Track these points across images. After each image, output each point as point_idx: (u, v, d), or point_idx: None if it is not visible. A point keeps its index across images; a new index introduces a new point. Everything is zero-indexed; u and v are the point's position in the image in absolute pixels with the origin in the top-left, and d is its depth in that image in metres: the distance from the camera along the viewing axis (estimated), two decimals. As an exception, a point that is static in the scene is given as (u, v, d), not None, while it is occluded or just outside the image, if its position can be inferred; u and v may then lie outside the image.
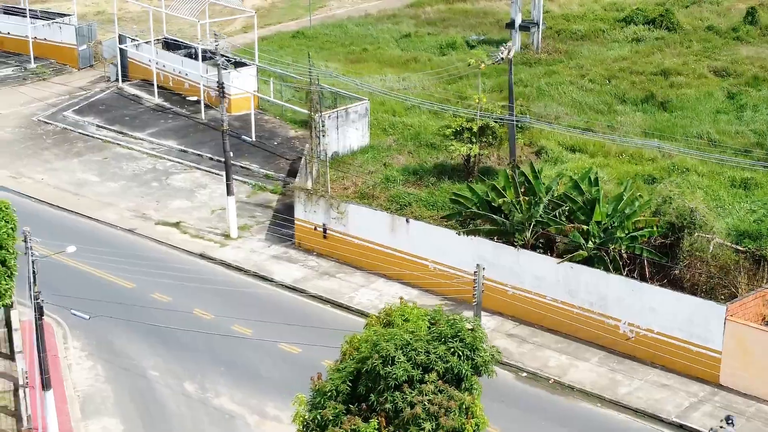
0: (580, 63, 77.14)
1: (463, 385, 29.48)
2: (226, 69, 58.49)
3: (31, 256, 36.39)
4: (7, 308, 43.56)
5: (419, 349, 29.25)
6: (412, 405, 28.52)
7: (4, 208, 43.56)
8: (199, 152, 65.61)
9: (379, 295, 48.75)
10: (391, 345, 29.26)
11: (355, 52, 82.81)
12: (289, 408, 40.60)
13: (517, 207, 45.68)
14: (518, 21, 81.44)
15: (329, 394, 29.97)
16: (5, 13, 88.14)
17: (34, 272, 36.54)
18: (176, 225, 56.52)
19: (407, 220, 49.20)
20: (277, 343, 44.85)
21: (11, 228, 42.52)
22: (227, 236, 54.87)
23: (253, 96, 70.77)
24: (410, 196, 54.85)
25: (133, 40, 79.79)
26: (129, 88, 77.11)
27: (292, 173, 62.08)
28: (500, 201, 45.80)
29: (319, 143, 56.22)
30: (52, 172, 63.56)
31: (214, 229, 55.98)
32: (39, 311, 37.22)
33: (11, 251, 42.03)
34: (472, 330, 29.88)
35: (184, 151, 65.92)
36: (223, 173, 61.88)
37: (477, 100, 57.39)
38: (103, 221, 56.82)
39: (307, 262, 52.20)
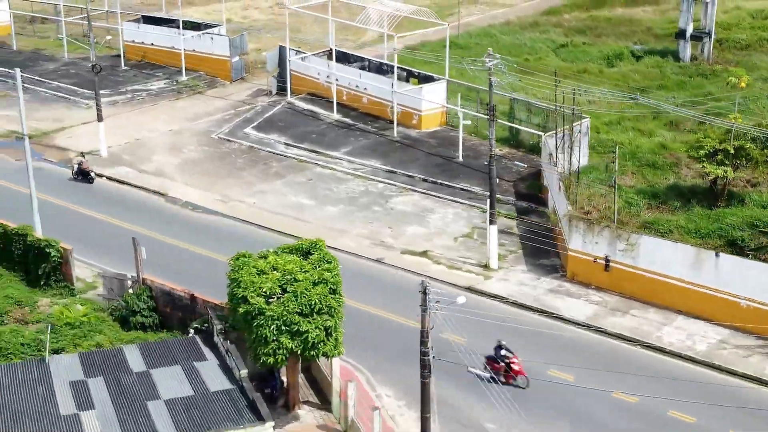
0: (763, 75, 74.15)
1: None
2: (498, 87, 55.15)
3: (431, 309, 32.96)
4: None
5: None
6: None
7: (322, 247, 40.28)
8: (408, 173, 62.16)
9: (688, 334, 45.50)
10: None
11: (518, 63, 79.46)
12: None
13: None
14: (689, 30, 78.47)
15: None
16: (146, 23, 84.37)
17: (430, 328, 33.13)
18: (424, 254, 53.07)
19: (717, 254, 45.96)
20: (610, 391, 41.53)
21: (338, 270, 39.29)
22: (486, 267, 51.49)
23: (443, 112, 67.79)
24: (670, 222, 51.72)
25: (297, 51, 76.17)
26: (300, 103, 73.51)
27: (519, 195, 58.94)
28: None
29: (570, 160, 52.92)
30: (260, 195, 60.00)
31: (466, 258, 52.58)
32: (428, 369, 33.84)
33: (342, 295, 38.80)
34: None
35: (392, 172, 62.47)
36: (444, 195, 59.38)
37: (734, 119, 54.42)
38: (343, 249, 53.23)
39: (589, 296, 48.85)
